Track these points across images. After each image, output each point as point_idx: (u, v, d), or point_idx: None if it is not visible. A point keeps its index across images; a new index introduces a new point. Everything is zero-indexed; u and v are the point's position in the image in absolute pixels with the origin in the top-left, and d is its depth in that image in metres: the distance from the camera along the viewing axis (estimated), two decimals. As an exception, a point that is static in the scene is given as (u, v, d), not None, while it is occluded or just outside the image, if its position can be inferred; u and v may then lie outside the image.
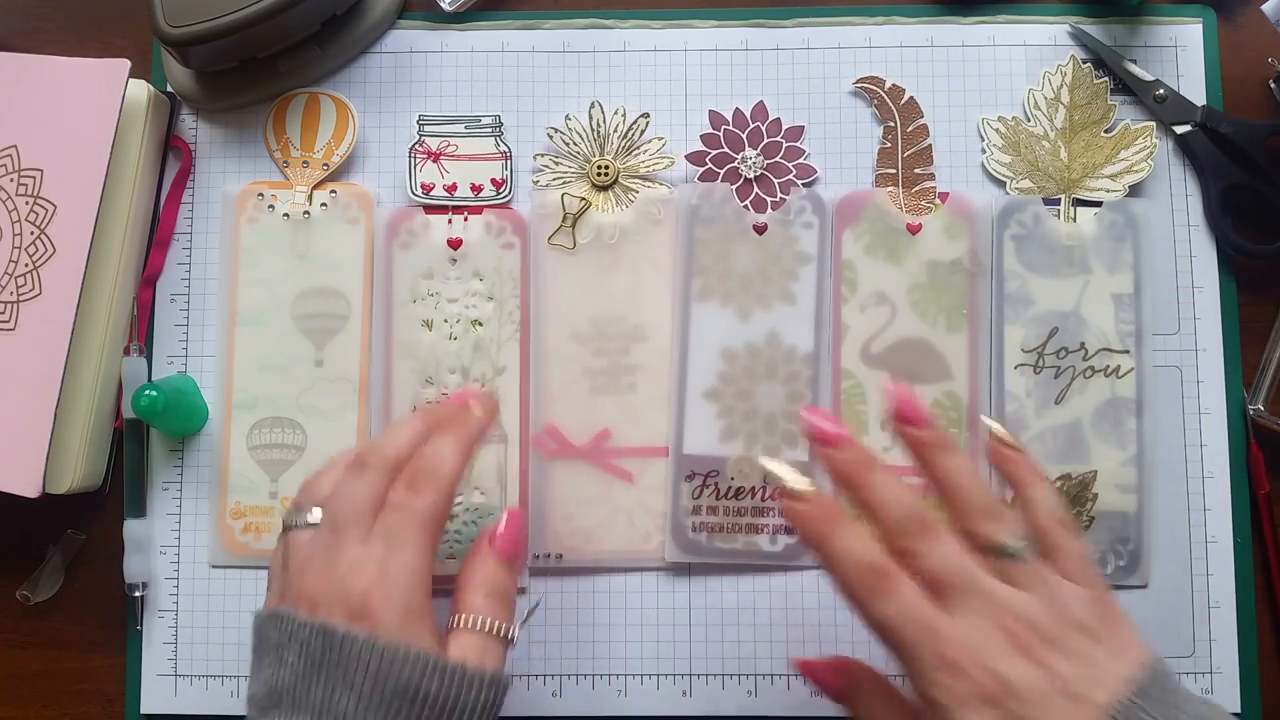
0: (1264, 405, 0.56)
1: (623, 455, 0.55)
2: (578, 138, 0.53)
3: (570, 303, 0.55)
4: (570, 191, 0.53)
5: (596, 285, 0.55)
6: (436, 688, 0.38)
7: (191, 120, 0.60)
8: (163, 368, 0.58)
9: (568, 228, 0.53)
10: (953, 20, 0.59)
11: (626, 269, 0.55)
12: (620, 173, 0.53)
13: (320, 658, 0.39)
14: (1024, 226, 0.57)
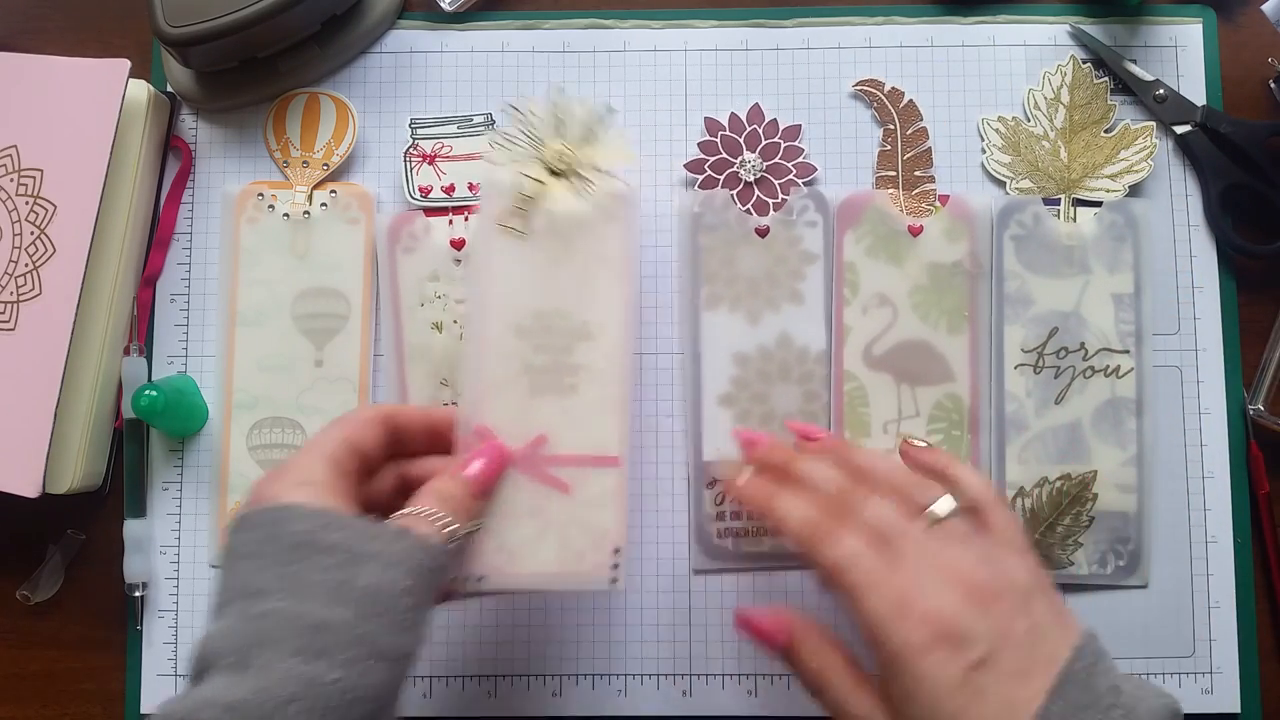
0: (1264, 405, 0.56)
1: (560, 464, 0.48)
2: (536, 120, 0.50)
3: (515, 292, 0.49)
4: (526, 172, 0.49)
5: (544, 276, 0.49)
6: (338, 539, 0.38)
7: (191, 120, 0.60)
8: (163, 368, 0.58)
9: (520, 210, 0.49)
10: (953, 20, 0.59)
11: (578, 262, 0.49)
12: (578, 161, 0.50)
13: (231, 545, 0.39)
14: (1024, 227, 0.57)
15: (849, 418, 0.56)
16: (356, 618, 0.37)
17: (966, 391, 0.56)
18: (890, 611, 0.38)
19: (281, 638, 0.36)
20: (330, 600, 0.37)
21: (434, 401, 0.56)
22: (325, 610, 0.36)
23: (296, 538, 0.38)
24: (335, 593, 0.37)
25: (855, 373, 0.56)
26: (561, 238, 0.49)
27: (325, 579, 0.37)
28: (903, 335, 0.56)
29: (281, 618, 0.36)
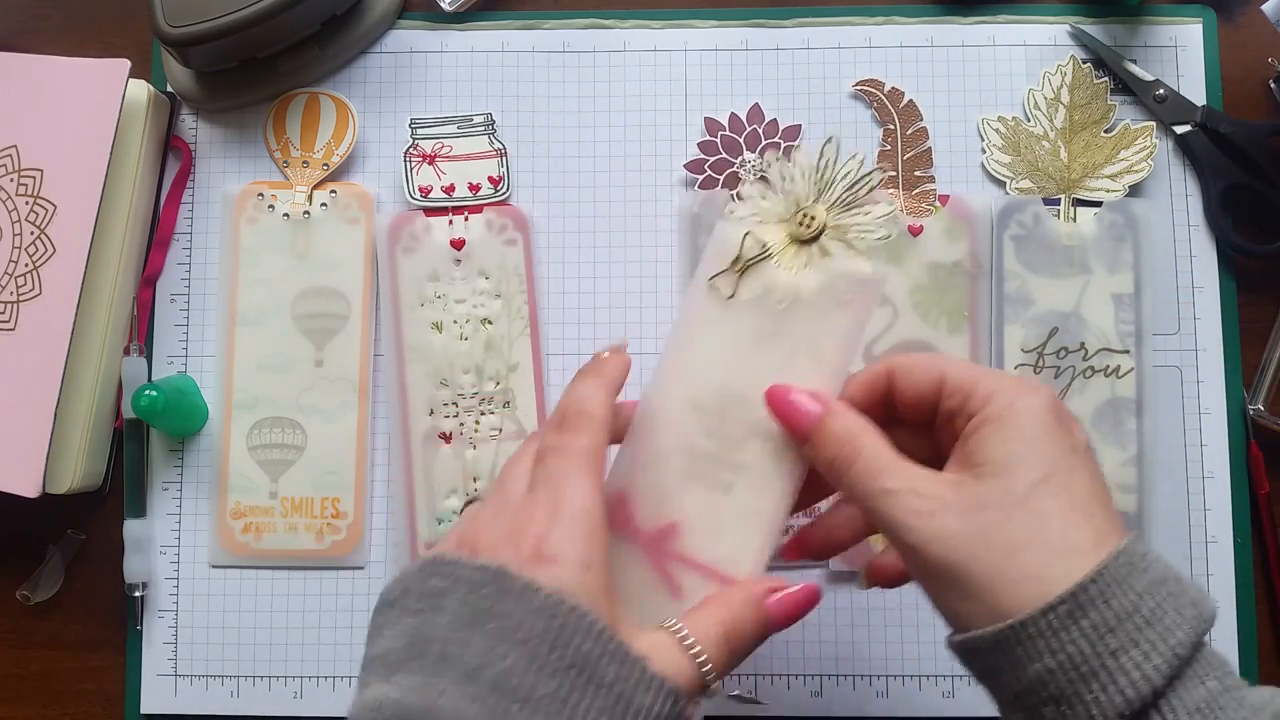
0: (1264, 405, 0.56)
1: (683, 564, 0.41)
2: (799, 175, 0.42)
3: (705, 362, 0.41)
4: (759, 234, 0.41)
5: (741, 353, 0.41)
6: (614, 674, 0.31)
7: (191, 120, 0.60)
8: (163, 368, 0.58)
9: (734, 272, 0.41)
10: (953, 20, 0.59)
11: (784, 348, 0.40)
12: (826, 229, 0.41)
13: (490, 604, 0.32)
14: (1024, 227, 0.57)
15: (849, 418, 0.56)
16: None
17: (966, 391, 0.56)
18: (1005, 379, 0.35)
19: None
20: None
21: (433, 402, 0.56)
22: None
23: (579, 655, 0.31)
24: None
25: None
26: (774, 315, 0.41)
27: (549, 691, 0.31)
28: (903, 335, 0.56)
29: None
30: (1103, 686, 0.31)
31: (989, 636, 0.32)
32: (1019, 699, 0.32)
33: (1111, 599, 0.31)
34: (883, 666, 0.55)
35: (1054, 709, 0.31)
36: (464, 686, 0.31)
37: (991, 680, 0.34)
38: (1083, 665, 0.31)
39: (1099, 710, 0.31)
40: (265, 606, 0.57)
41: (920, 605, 0.56)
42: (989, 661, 0.33)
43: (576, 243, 0.58)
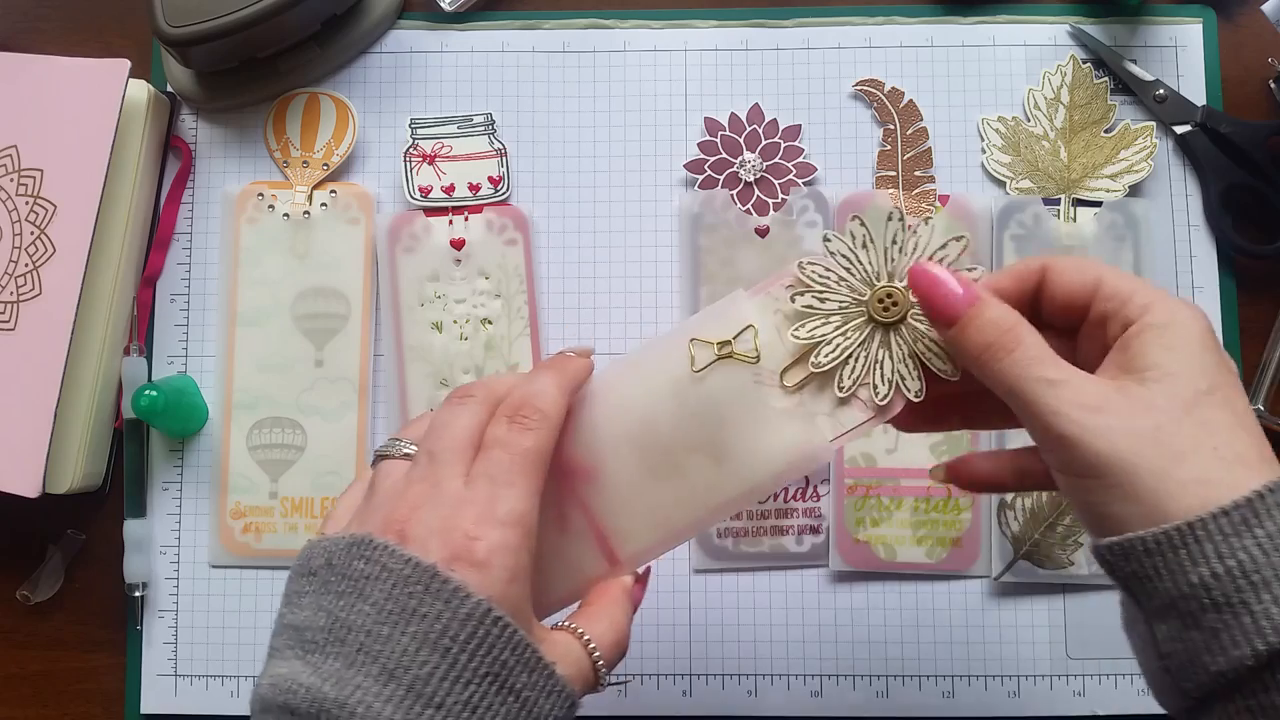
0: (1264, 405, 0.56)
1: (582, 510, 0.40)
2: (863, 250, 0.38)
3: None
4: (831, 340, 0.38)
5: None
6: (525, 682, 0.32)
7: (191, 120, 0.60)
8: (163, 368, 0.58)
9: (714, 351, 0.38)
10: (953, 20, 0.59)
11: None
12: (910, 312, 0.38)
13: (415, 604, 0.32)
14: (1024, 227, 0.57)
15: (849, 418, 0.56)
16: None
17: (966, 391, 0.56)
18: (1138, 280, 0.35)
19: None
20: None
21: (432, 403, 0.56)
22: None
23: (495, 665, 0.32)
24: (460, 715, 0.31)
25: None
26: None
27: (461, 698, 0.31)
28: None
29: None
30: (1276, 598, 0.29)
31: (1153, 537, 0.31)
32: (1175, 604, 0.31)
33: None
34: (883, 666, 0.55)
35: (1216, 615, 0.30)
36: (382, 685, 0.31)
37: (1144, 585, 0.32)
38: (1254, 574, 0.30)
39: (1269, 621, 0.29)
40: (265, 606, 0.57)
41: (920, 606, 0.56)
42: (1145, 565, 0.31)
43: (576, 243, 0.58)
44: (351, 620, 0.32)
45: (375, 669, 0.31)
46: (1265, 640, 0.29)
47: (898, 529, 0.55)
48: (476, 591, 0.32)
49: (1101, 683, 0.55)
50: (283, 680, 0.31)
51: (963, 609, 0.56)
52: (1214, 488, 0.31)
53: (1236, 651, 0.30)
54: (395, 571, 0.32)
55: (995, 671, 0.55)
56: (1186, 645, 0.31)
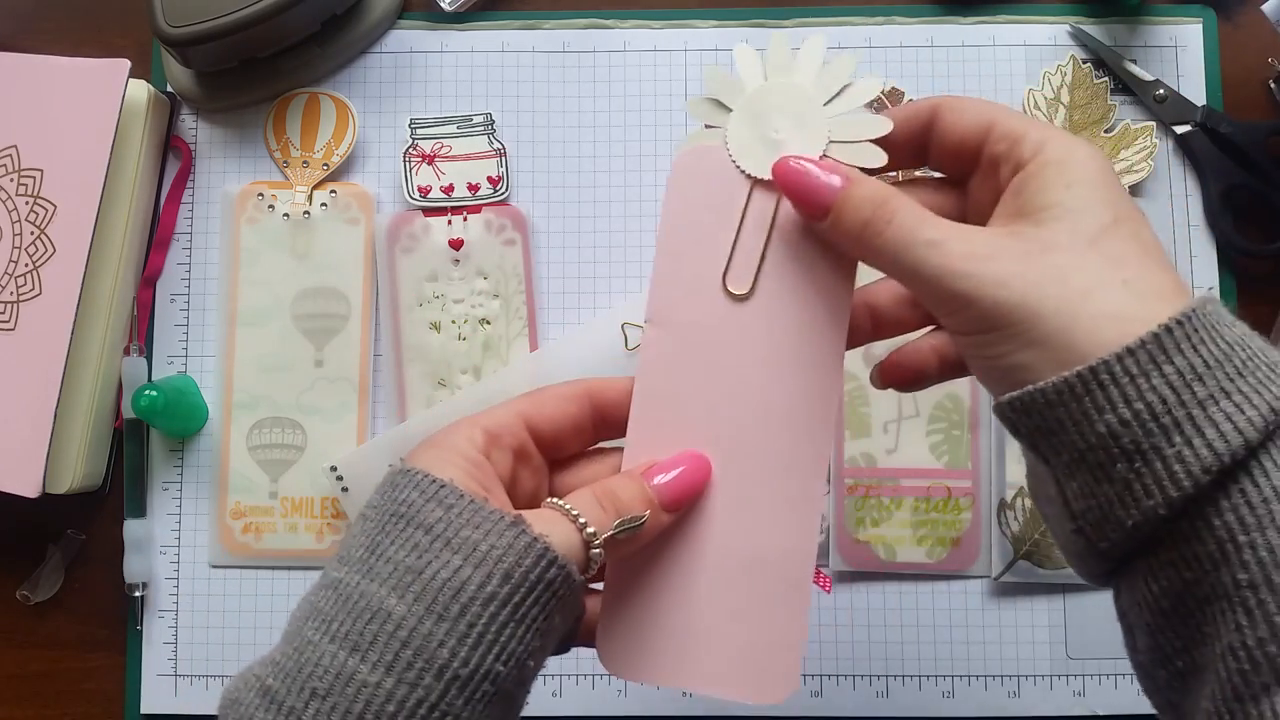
0: (1264, 405, 0.56)
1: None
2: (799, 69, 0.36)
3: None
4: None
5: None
6: (438, 517, 0.31)
7: (191, 120, 0.60)
8: (163, 368, 0.58)
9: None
10: (953, 20, 0.59)
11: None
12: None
13: (367, 502, 0.33)
14: (1024, 227, 0.57)
15: (849, 417, 0.56)
16: (415, 615, 0.30)
17: (967, 391, 0.56)
18: (1031, 120, 0.33)
19: (333, 615, 0.30)
20: (395, 587, 0.30)
21: (431, 403, 0.56)
22: (386, 597, 0.30)
23: (398, 506, 0.32)
24: (403, 579, 0.30)
25: (855, 373, 0.56)
26: None
27: (402, 560, 0.30)
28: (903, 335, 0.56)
29: (342, 592, 0.31)
30: (1187, 440, 0.27)
31: (1054, 386, 0.28)
32: (1083, 457, 0.28)
33: (1200, 345, 0.28)
34: (883, 666, 0.55)
35: (1127, 465, 0.28)
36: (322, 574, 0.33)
37: (1049, 441, 0.29)
38: (1164, 416, 0.27)
39: (1181, 466, 0.27)
40: (265, 606, 0.57)
41: (920, 606, 0.56)
42: (1051, 417, 0.29)
43: (576, 243, 0.58)
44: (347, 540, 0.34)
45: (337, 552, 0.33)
46: (1178, 486, 0.27)
47: (898, 529, 0.55)
48: (405, 461, 0.33)
49: (1101, 683, 0.55)
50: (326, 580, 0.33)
51: (963, 609, 0.56)
52: (1128, 322, 0.28)
53: (1149, 501, 0.27)
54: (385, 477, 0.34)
55: (995, 671, 0.55)
56: (1099, 501, 0.28)
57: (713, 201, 0.36)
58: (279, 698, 0.29)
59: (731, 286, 0.35)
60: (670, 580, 0.35)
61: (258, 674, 0.31)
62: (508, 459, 0.34)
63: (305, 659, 0.30)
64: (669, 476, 0.35)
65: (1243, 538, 0.26)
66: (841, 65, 0.35)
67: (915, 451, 0.56)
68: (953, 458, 0.56)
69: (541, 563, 0.31)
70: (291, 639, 0.31)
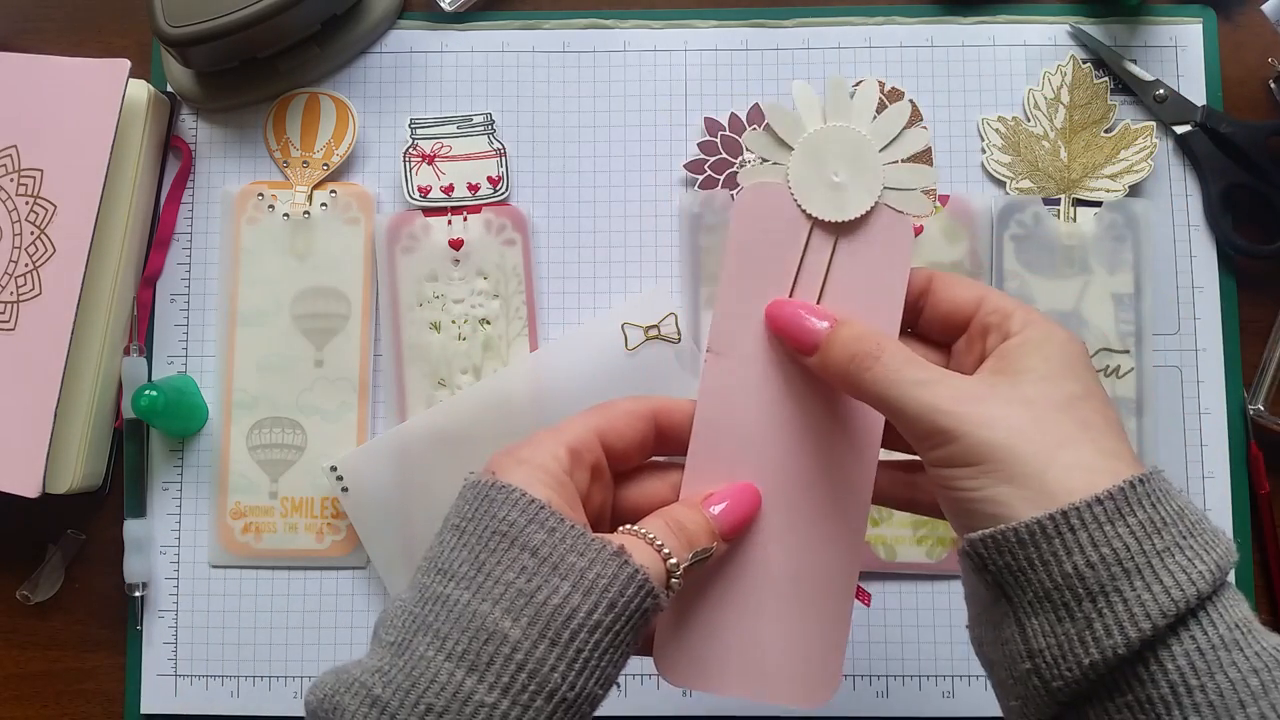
0: (1264, 405, 0.56)
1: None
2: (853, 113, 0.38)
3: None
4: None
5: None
6: (542, 540, 0.32)
7: (191, 120, 0.60)
8: (163, 368, 0.58)
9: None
10: (953, 20, 0.59)
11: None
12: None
13: (450, 512, 0.35)
14: (1024, 226, 0.57)
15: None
16: (530, 640, 0.31)
17: (966, 391, 0.56)
18: (1019, 301, 0.36)
19: (447, 633, 0.31)
20: (510, 610, 0.31)
21: (431, 402, 0.56)
22: (501, 619, 0.31)
23: (499, 524, 0.33)
24: (516, 602, 0.31)
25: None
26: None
27: (513, 582, 0.32)
28: (903, 335, 0.56)
29: (455, 609, 0.32)
30: (1147, 585, 0.29)
31: (1027, 526, 0.30)
32: (1049, 595, 0.30)
33: (1158, 503, 0.31)
34: (883, 667, 0.55)
35: (1091, 604, 0.30)
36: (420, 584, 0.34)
37: (1017, 578, 0.31)
38: (1127, 561, 0.29)
39: (1141, 608, 0.29)
40: (265, 606, 0.57)
41: (920, 606, 0.56)
42: (1022, 555, 0.31)
43: (576, 243, 0.58)
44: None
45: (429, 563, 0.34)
46: (1137, 627, 0.29)
47: (898, 529, 0.55)
48: (492, 473, 0.34)
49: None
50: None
51: (963, 609, 0.55)
52: (1096, 474, 0.31)
53: (1109, 640, 0.29)
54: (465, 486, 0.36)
55: (995, 671, 0.55)
56: (1059, 639, 0.30)
57: (775, 239, 0.38)
58: (390, 709, 0.30)
59: None
60: (725, 596, 0.38)
61: (363, 681, 0.31)
62: (586, 477, 0.36)
63: (419, 674, 0.31)
64: (723, 507, 0.37)
65: (1194, 681, 0.29)
66: (895, 114, 0.38)
67: (915, 451, 0.56)
68: (953, 458, 0.56)
69: (641, 593, 0.33)
70: (400, 650, 0.32)
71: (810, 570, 0.38)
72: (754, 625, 0.38)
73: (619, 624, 0.32)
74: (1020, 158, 0.57)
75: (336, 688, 0.31)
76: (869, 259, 0.38)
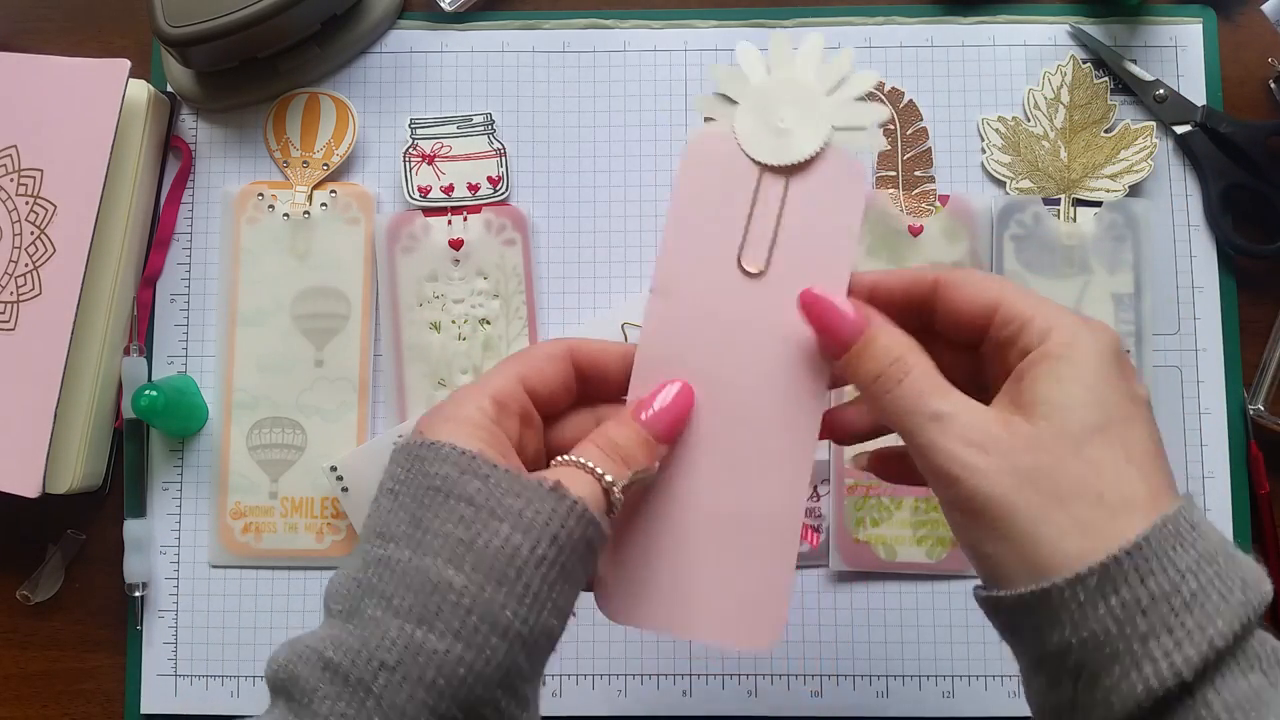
0: (1264, 405, 0.56)
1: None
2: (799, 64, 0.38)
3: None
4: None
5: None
6: (477, 488, 0.32)
7: (191, 120, 0.60)
8: (163, 368, 0.58)
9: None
10: (953, 20, 0.59)
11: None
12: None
13: (382, 479, 0.35)
14: (1024, 226, 0.57)
15: (849, 418, 0.56)
16: (476, 584, 0.31)
17: (966, 391, 0.56)
18: (1064, 313, 0.33)
19: (394, 591, 0.31)
20: (451, 559, 0.31)
21: (431, 403, 0.56)
22: (444, 569, 0.31)
23: (432, 480, 0.33)
24: (457, 551, 0.32)
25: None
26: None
27: (451, 533, 0.32)
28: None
29: (398, 568, 0.32)
30: (1124, 672, 0.28)
31: (1011, 599, 0.30)
32: (1041, 663, 0.31)
33: (1148, 576, 0.28)
34: (883, 667, 0.55)
35: (1072, 684, 0.29)
36: (360, 552, 0.34)
37: (1014, 639, 0.32)
38: (1106, 647, 0.28)
39: (1118, 698, 0.28)
40: (265, 606, 0.57)
41: (920, 606, 0.56)
42: (1012, 619, 0.31)
43: (576, 243, 0.58)
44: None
45: (368, 531, 0.34)
46: (1113, 714, 0.28)
47: (898, 529, 0.55)
48: (421, 434, 0.34)
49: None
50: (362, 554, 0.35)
51: (963, 609, 0.56)
52: (1093, 537, 0.29)
53: (1095, 718, 0.29)
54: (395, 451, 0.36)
55: (995, 671, 0.55)
56: (1053, 704, 0.30)
57: (723, 185, 0.38)
58: (343, 670, 0.31)
59: (746, 264, 0.37)
60: (666, 533, 0.37)
61: (315, 648, 0.31)
62: (515, 424, 0.36)
63: (369, 634, 0.31)
64: (654, 410, 0.37)
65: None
66: (840, 60, 0.37)
67: (915, 451, 0.56)
68: (953, 458, 0.56)
69: (582, 523, 0.33)
70: (349, 616, 0.32)
71: (751, 510, 0.37)
72: (693, 564, 0.37)
73: (564, 556, 0.32)
74: (1020, 158, 0.57)
75: (291, 658, 0.32)
76: (820, 203, 0.37)
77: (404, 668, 0.30)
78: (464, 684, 0.30)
